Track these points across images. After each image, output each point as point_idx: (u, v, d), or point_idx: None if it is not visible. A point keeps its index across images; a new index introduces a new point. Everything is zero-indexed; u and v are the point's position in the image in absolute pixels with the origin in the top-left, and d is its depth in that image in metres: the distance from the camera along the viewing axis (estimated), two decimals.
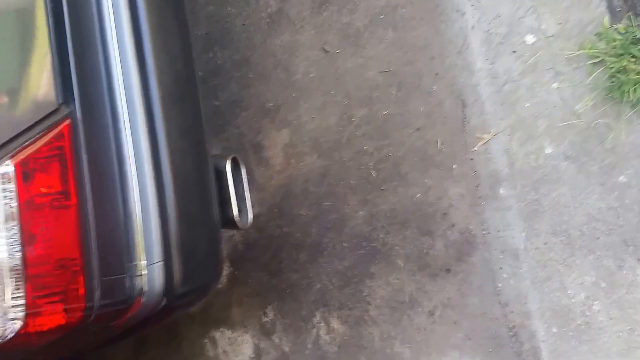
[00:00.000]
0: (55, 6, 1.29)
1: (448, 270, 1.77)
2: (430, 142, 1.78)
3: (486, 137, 1.71)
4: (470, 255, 1.73)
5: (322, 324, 1.95)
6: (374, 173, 1.87)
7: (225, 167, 1.55)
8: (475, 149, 1.72)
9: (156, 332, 2.17)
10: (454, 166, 1.75)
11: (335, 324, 1.93)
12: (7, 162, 1.19)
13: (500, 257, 1.70)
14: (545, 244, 1.65)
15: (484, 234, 1.72)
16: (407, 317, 1.82)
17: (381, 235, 1.85)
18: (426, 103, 1.79)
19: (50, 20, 1.29)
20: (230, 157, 1.57)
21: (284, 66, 2.07)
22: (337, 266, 1.92)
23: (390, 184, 1.84)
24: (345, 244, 1.91)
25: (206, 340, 2.16)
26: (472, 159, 1.73)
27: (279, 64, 2.08)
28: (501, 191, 1.70)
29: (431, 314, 1.79)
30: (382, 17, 1.86)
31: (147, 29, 1.38)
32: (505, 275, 1.70)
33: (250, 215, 1.60)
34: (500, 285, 1.71)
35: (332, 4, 1.96)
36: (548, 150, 1.64)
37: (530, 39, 1.67)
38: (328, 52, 1.97)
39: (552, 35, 1.64)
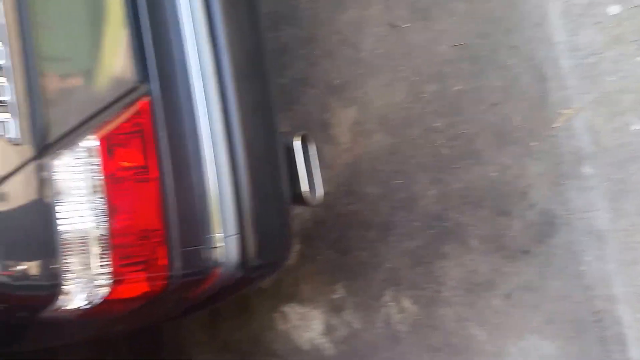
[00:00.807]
0: None
1: (527, 252, 1.71)
2: (507, 119, 1.72)
3: (568, 112, 1.64)
4: (551, 237, 1.67)
5: (392, 303, 1.94)
6: (445, 151, 1.82)
7: (295, 144, 1.55)
8: (557, 125, 1.65)
9: (229, 305, 2.22)
10: (533, 143, 1.69)
11: (406, 303, 1.91)
12: (93, 136, 1.22)
13: (584, 239, 1.64)
14: (632, 225, 1.57)
15: (566, 215, 1.65)
16: (482, 299, 1.78)
17: (454, 215, 1.81)
18: (502, 77, 1.73)
19: (129, 3, 1.32)
20: (300, 134, 1.57)
21: (351, 43, 2.04)
22: (407, 245, 1.89)
23: (464, 162, 1.79)
24: (415, 223, 1.88)
25: (276, 315, 2.19)
26: (552, 136, 1.66)
27: (346, 41, 2.06)
28: (584, 170, 1.62)
29: (508, 296, 1.74)
30: None
31: (219, 8, 1.40)
32: (589, 258, 1.63)
33: (320, 192, 1.60)
34: (583, 268, 1.64)
35: None
36: (635, 127, 1.56)
37: (614, 9, 1.59)
38: (396, 27, 1.93)
39: (637, 6, 1.55)
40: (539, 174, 1.68)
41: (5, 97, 1.13)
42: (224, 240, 1.34)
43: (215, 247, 1.34)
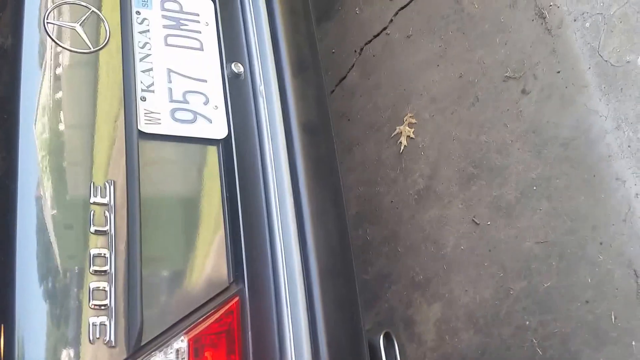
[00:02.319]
0: (231, 198, 1.45)
1: None
2: (603, 317, 1.62)
3: None
4: None
5: None
6: (540, 351, 1.72)
7: (378, 342, 1.52)
8: None
9: None
10: (633, 343, 1.56)
11: None
12: (182, 337, 1.26)
13: None
14: None
15: None
16: None
17: None
18: (593, 274, 1.67)
19: (226, 211, 1.44)
20: (383, 331, 1.55)
21: (433, 240, 2.08)
22: None
23: None
24: None
25: None
26: None
27: (428, 238, 2.10)
28: None
29: None
30: (534, 188, 1.84)
31: (308, 214, 1.50)
32: None
33: None
34: None
35: (481, 179, 1.99)
36: None
37: None
38: (478, 224, 1.96)
39: None
40: None
41: (105, 301, 1.21)
42: None
43: None
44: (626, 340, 1.58)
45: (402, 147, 2.27)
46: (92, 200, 1.29)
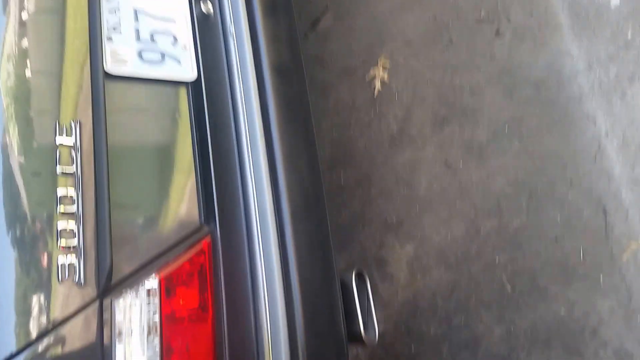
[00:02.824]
0: (201, 140, 1.43)
1: None
2: (571, 253, 1.67)
3: (634, 245, 1.57)
4: None
5: None
6: (508, 287, 1.76)
7: (350, 280, 1.54)
8: (624, 258, 1.58)
9: None
10: (600, 278, 1.61)
11: None
12: (153, 276, 1.27)
13: None
14: None
15: None
16: None
17: (522, 356, 1.70)
18: (562, 212, 1.70)
19: (197, 152, 1.42)
20: (355, 270, 1.57)
21: (406, 182, 2.09)
22: None
23: (529, 300, 1.71)
24: None
25: None
26: (621, 270, 1.59)
27: (401, 180, 2.11)
28: None
29: None
30: (506, 129, 1.85)
31: (280, 155, 1.48)
32: None
33: (377, 331, 1.55)
34: None
35: (453, 121, 1.99)
36: None
37: None
38: (451, 166, 1.98)
39: None
40: (609, 310, 1.58)
41: (74, 242, 1.20)
42: None
43: None
44: (594, 275, 1.63)
45: (376, 91, 2.26)
46: (58, 141, 1.26)
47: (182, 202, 1.40)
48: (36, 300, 1.18)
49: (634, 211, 1.59)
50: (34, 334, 1.16)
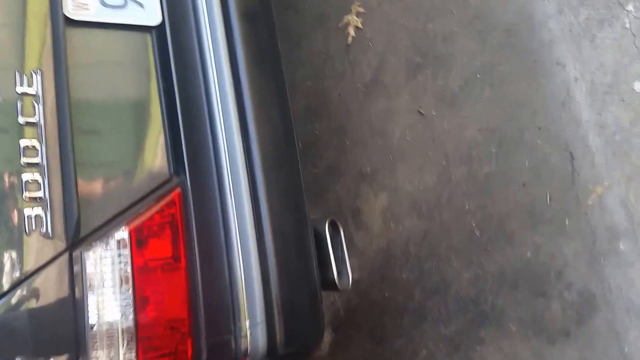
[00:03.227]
0: (167, 90, 1.40)
1: (567, 335, 1.62)
2: (538, 198, 1.70)
3: (599, 189, 1.61)
4: (592, 317, 1.59)
5: None
6: (477, 233, 1.80)
7: (324, 230, 1.56)
8: (589, 203, 1.62)
9: None
10: (566, 222, 1.65)
11: None
12: (123, 228, 1.26)
13: (626, 317, 1.55)
14: None
15: (605, 294, 1.57)
16: None
17: (490, 298, 1.75)
18: (531, 158, 1.72)
19: (164, 102, 1.40)
20: (328, 219, 1.58)
21: (380, 132, 2.09)
22: (443, 331, 1.83)
23: (497, 244, 1.76)
24: (451, 308, 1.82)
25: None
26: (586, 214, 1.62)
27: (375, 130, 2.11)
28: (621, 246, 1.57)
29: None
30: (478, 76, 1.85)
31: (250, 104, 1.47)
32: (632, 338, 1.54)
33: (350, 277, 1.58)
34: (627, 349, 1.54)
35: (426, 69, 1.98)
36: None
37: (639, 86, 1.59)
38: (424, 115, 1.98)
39: None
40: (574, 252, 1.63)
41: (39, 194, 1.19)
42: (251, 329, 1.33)
43: (243, 336, 1.33)
44: (560, 219, 1.67)
45: (349, 39, 2.22)
46: (19, 90, 1.23)
47: (150, 153, 1.38)
48: (5, 252, 1.18)
49: (600, 156, 1.61)
50: (5, 286, 1.16)
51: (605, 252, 1.59)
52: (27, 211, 1.17)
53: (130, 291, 1.24)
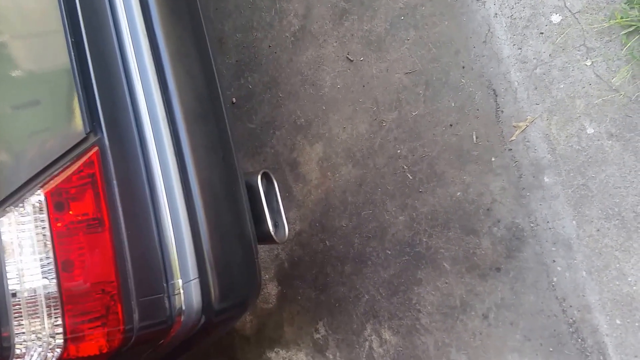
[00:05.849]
0: (77, 42, 1.33)
1: (498, 269, 1.68)
2: (465, 138, 1.72)
3: (523, 124, 1.64)
4: (520, 251, 1.64)
5: (373, 337, 1.89)
6: (410, 176, 1.82)
7: (256, 182, 1.54)
8: (513, 138, 1.65)
9: (214, 355, 2.16)
10: (492, 159, 1.68)
11: (387, 335, 1.87)
12: (38, 191, 1.21)
13: (553, 249, 1.61)
14: (598, 230, 1.54)
15: (532, 227, 1.62)
16: (460, 322, 1.73)
17: (424, 239, 1.78)
18: (456, 98, 1.74)
19: (74, 58, 1.32)
20: (261, 171, 1.56)
21: (311, 81, 2.06)
22: (382, 275, 1.86)
23: (428, 186, 1.78)
24: (388, 252, 1.85)
25: None
26: (511, 150, 1.66)
27: (306, 80, 2.08)
28: (546, 179, 1.61)
29: (485, 316, 1.70)
30: (402, 18, 1.84)
31: (166, 55, 1.40)
32: (559, 268, 1.60)
33: (286, 229, 1.57)
34: (555, 279, 1.60)
35: (352, 14, 1.95)
36: (590, 131, 1.56)
37: (556, 18, 1.61)
38: (352, 61, 1.96)
39: (578, 11, 1.57)
40: (501, 189, 1.66)
41: None
42: (184, 286, 1.31)
43: (176, 294, 1.31)
44: (486, 157, 1.70)
45: None
46: None
47: (63, 113, 1.32)
48: None
49: (522, 91, 1.64)
50: None
51: (530, 186, 1.63)
52: None
53: (51, 255, 1.20)
